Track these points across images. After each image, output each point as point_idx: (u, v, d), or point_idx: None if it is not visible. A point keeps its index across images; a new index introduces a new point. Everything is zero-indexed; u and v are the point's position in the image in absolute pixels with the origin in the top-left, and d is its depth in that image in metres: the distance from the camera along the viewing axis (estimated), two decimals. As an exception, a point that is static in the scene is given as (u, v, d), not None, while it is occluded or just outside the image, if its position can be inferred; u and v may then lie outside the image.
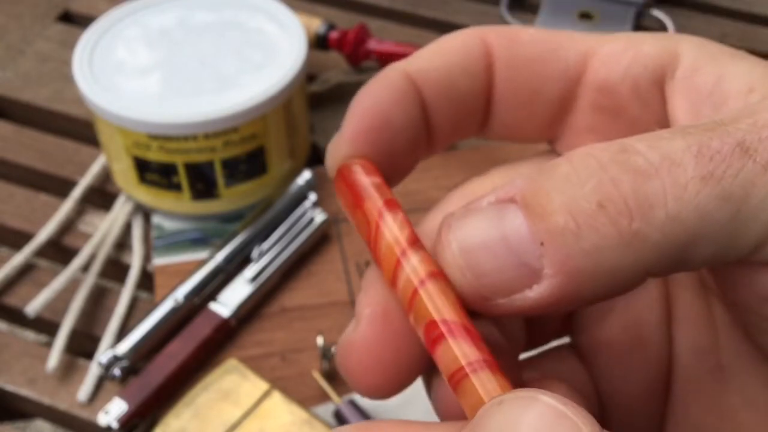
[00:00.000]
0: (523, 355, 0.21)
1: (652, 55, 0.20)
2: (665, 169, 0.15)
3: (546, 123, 0.22)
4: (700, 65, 0.19)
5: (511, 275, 0.16)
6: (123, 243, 0.50)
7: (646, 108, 0.21)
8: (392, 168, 0.19)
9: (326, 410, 0.41)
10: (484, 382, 0.15)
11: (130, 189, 0.50)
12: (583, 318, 0.22)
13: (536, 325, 0.22)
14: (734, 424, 0.20)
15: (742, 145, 0.16)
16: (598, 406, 0.21)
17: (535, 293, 0.16)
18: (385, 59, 0.56)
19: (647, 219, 0.15)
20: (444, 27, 0.64)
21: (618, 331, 0.21)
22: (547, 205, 0.16)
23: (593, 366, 0.21)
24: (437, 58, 0.20)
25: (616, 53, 0.20)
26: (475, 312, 0.17)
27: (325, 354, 0.42)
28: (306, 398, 0.42)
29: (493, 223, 0.16)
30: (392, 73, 0.20)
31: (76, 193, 0.51)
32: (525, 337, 0.21)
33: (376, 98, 0.19)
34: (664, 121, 0.20)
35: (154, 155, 0.46)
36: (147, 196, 0.49)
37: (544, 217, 0.16)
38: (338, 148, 0.19)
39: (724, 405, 0.20)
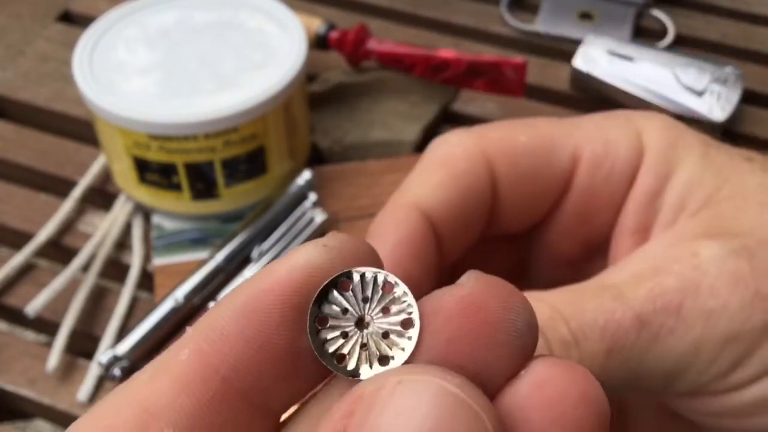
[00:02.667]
0: None
1: (626, 158, 0.24)
2: (581, 343, 0.20)
3: (540, 221, 0.26)
4: (651, 166, 0.24)
5: None
6: (123, 243, 0.50)
7: (614, 214, 0.25)
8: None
9: (326, 410, 0.41)
10: None
11: (130, 189, 0.50)
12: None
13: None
14: None
15: (640, 317, 0.20)
16: None
17: None
18: (385, 59, 0.56)
19: None
20: (444, 27, 0.64)
21: None
22: None
23: None
24: (448, 188, 0.24)
25: (598, 157, 0.24)
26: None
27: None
28: (306, 398, 0.42)
29: None
30: (405, 211, 0.23)
31: (76, 193, 0.51)
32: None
33: (396, 240, 0.23)
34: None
35: (154, 155, 0.46)
36: (147, 196, 0.49)
37: None
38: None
39: None
